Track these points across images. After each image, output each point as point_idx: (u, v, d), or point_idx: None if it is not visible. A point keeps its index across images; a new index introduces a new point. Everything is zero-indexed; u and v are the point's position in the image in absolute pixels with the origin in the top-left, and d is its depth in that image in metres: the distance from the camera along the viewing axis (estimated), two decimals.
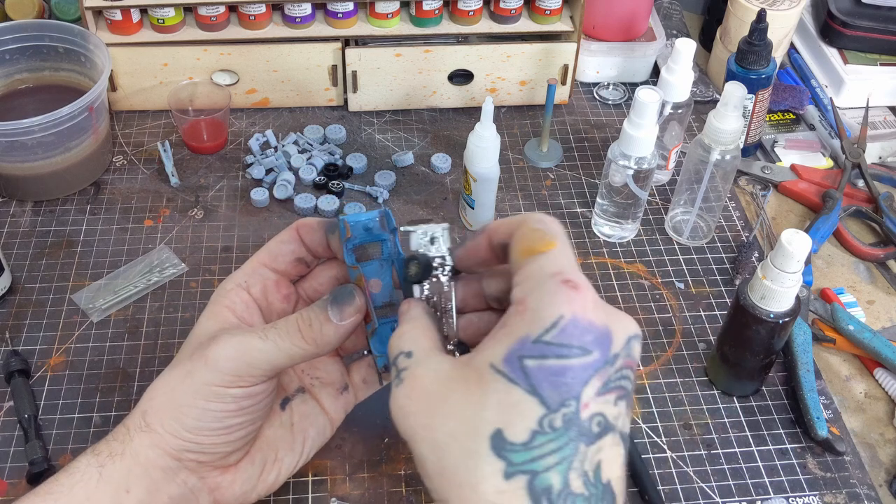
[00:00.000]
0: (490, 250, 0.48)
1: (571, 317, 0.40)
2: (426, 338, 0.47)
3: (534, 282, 0.41)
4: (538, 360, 0.39)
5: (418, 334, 0.47)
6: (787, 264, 0.63)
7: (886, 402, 0.75)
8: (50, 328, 0.77)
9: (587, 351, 0.40)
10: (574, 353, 0.39)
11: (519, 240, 0.45)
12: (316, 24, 0.95)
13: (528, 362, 0.39)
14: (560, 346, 0.39)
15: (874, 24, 1.00)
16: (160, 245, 0.84)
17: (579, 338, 0.39)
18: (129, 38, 0.93)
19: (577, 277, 0.41)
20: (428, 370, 0.43)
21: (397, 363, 0.45)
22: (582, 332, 0.40)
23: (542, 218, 0.46)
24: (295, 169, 0.91)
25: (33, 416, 0.69)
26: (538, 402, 0.39)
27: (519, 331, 0.40)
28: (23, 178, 0.86)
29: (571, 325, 0.39)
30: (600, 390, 0.40)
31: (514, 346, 0.40)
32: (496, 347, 0.41)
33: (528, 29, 0.97)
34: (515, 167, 0.94)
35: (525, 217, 0.46)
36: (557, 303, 0.40)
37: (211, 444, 0.52)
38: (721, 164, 0.80)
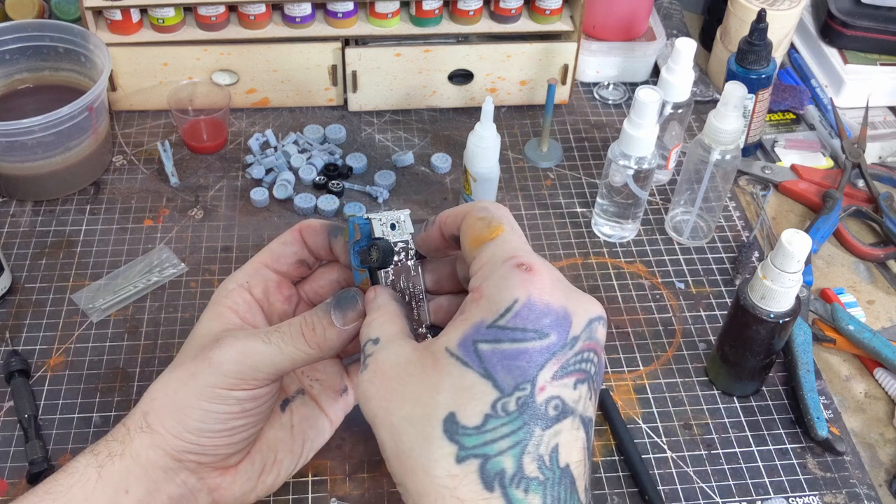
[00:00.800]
0: (443, 240, 0.49)
1: (526, 300, 0.40)
2: (393, 324, 0.47)
3: (488, 269, 0.42)
4: (492, 343, 0.39)
5: (385, 320, 0.47)
6: (788, 264, 0.63)
7: (886, 402, 0.75)
8: (50, 328, 0.77)
9: (543, 334, 0.40)
10: (529, 337, 0.39)
11: (466, 231, 0.45)
12: (316, 23, 0.95)
13: (482, 346, 0.40)
14: (514, 329, 0.39)
15: (874, 24, 1.00)
16: (160, 245, 0.84)
17: (535, 321, 0.39)
18: (129, 38, 0.93)
19: (530, 259, 0.41)
20: (389, 355, 0.44)
21: (365, 350, 0.46)
22: (538, 316, 0.40)
23: (485, 206, 0.46)
24: (295, 169, 0.91)
25: (33, 416, 0.69)
26: (491, 385, 0.39)
27: (474, 316, 0.41)
28: (23, 178, 0.86)
29: (526, 309, 0.40)
30: (557, 374, 0.40)
31: (469, 331, 0.40)
32: (452, 333, 0.41)
33: (528, 29, 0.97)
34: (515, 167, 0.94)
35: (469, 207, 0.47)
36: (511, 287, 0.40)
37: (212, 445, 0.52)
38: (721, 164, 0.80)
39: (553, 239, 0.87)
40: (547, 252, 0.85)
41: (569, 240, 0.87)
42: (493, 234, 0.43)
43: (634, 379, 0.75)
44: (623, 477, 0.68)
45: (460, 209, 0.47)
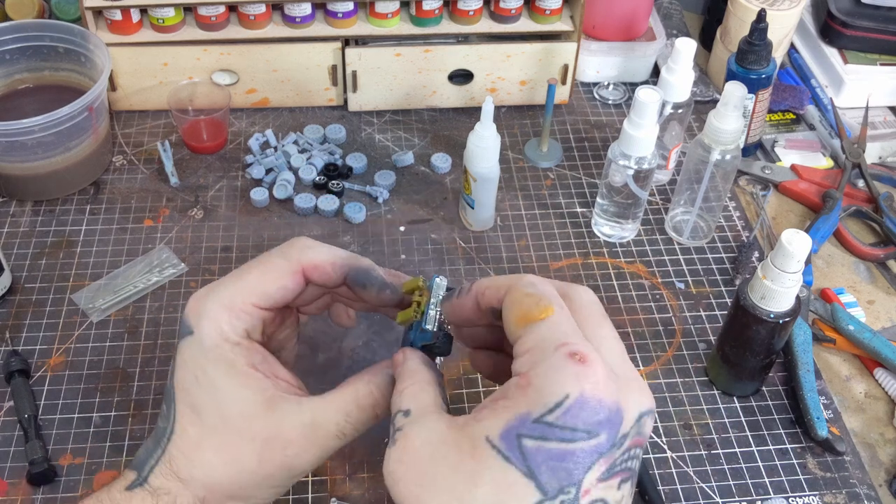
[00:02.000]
0: (478, 311, 0.46)
1: (579, 396, 0.37)
2: (426, 393, 0.44)
3: (537, 354, 0.39)
4: (538, 440, 0.37)
5: (417, 390, 0.44)
6: (788, 264, 0.63)
7: (886, 402, 0.75)
8: (50, 328, 0.77)
9: (594, 434, 0.37)
10: (578, 437, 0.37)
11: (512, 307, 0.42)
12: (316, 23, 0.95)
13: (526, 442, 0.37)
14: (563, 428, 0.37)
15: (874, 24, 1.00)
16: (160, 245, 0.84)
17: (586, 420, 0.37)
18: (129, 38, 0.93)
19: (584, 348, 0.38)
20: (422, 431, 0.41)
21: (395, 422, 0.43)
22: (589, 414, 0.37)
23: (532, 281, 0.43)
24: (295, 169, 0.91)
25: (33, 416, 0.69)
26: (535, 486, 0.36)
27: (519, 406, 0.38)
28: (23, 178, 0.86)
29: (578, 406, 0.37)
30: (604, 475, 0.37)
31: (514, 423, 0.37)
32: (494, 419, 0.38)
33: (528, 29, 0.97)
34: (515, 167, 0.94)
35: (514, 280, 0.43)
36: (563, 379, 0.37)
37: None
38: (721, 164, 0.80)
39: (553, 239, 0.87)
40: (547, 252, 0.85)
41: (569, 240, 0.87)
42: (542, 313, 0.40)
43: None
44: None
45: (503, 281, 0.44)
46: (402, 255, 0.84)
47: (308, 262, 0.50)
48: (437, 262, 0.83)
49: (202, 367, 0.47)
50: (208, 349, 0.48)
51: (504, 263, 0.84)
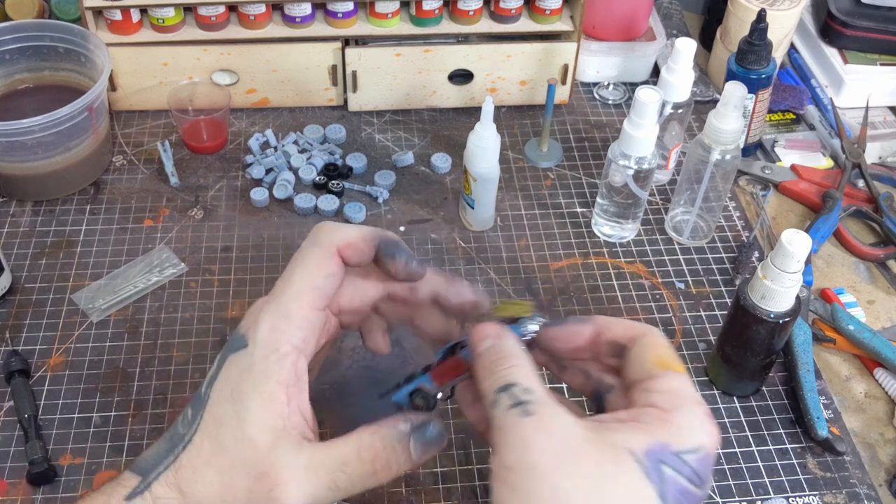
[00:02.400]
0: (594, 341, 0.48)
1: (708, 452, 0.41)
2: (538, 380, 0.43)
3: (679, 399, 0.43)
4: (675, 472, 0.40)
5: (529, 372, 0.44)
6: (788, 264, 0.63)
7: (886, 402, 0.75)
8: (50, 328, 0.77)
9: (703, 484, 0.41)
10: (696, 483, 0.41)
11: (653, 348, 0.45)
12: (316, 23, 0.95)
13: (666, 469, 0.40)
14: (693, 471, 0.41)
15: (874, 24, 1.00)
16: (160, 245, 0.84)
17: (703, 472, 0.41)
18: (129, 38, 0.93)
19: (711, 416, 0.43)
20: (560, 419, 0.41)
21: (513, 392, 0.42)
22: (707, 469, 0.41)
23: (665, 340, 0.46)
24: (295, 169, 0.91)
25: (33, 416, 0.69)
26: None
27: (660, 434, 0.41)
28: (23, 178, 0.86)
29: (706, 459, 0.41)
30: None
31: (656, 447, 0.40)
32: (634, 436, 0.41)
33: (528, 29, 0.97)
34: (515, 167, 0.94)
35: (649, 329, 0.46)
36: (704, 432, 0.42)
37: None
38: (721, 163, 0.80)
39: (553, 239, 0.87)
40: (547, 252, 0.85)
41: (569, 240, 0.87)
42: (681, 368, 0.45)
43: None
44: None
45: (634, 324, 0.47)
46: None
47: (341, 242, 0.49)
48: (437, 262, 0.83)
49: (244, 381, 0.46)
50: (257, 363, 0.46)
51: (504, 263, 0.84)
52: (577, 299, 0.81)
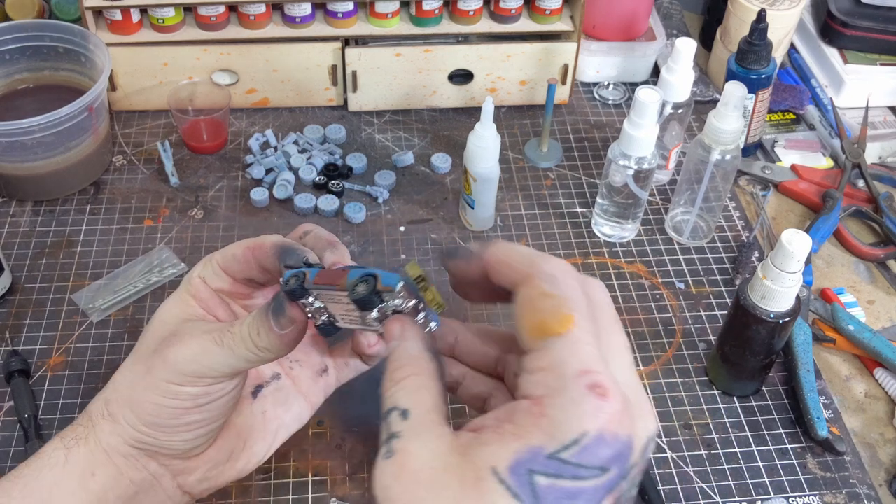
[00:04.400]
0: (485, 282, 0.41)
1: (597, 433, 0.34)
2: (428, 392, 0.39)
3: (554, 379, 0.35)
4: (551, 478, 0.34)
5: (419, 385, 0.39)
6: (788, 264, 0.63)
7: (886, 402, 0.75)
8: (50, 328, 0.77)
9: (605, 470, 0.35)
10: (591, 475, 0.34)
11: (526, 308, 0.38)
12: (316, 23, 0.95)
13: (538, 479, 0.34)
14: (578, 466, 0.34)
15: (874, 24, 1.00)
16: (160, 245, 0.84)
17: (600, 457, 0.34)
18: (129, 38, 0.93)
19: (606, 378, 0.35)
20: (423, 450, 0.37)
21: (389, 422, 0.38)
22: (604, 451, 0.34)
23: (553, 274, 0.38)
24: (295, 169, 0.91)
25: (33, 416, 0.69)
26: None
27: (531, 437, 0.34)
28: (23, 178, 0.86)
29: (595, 444, 0.34)
30: None
31: (525, 456, 0.34)
32: (501, 448, 0.35)
33: (528, 29, 0.97)
34: (515, 167, 0.94)
35: (533, 269, 0.38)
36: (583, 415, 0.34)
37: (168, 439, 0.52)
38: (721, 163, 0.80)
39: (553, 239, 0.87)
40: (547, 252, 0.85)
41: (569, 240, 0.87)
42: (563, 326, 0.36)
43: None
44: None
45: (520, 259, 0.39)
46: (403, 255, 0.84)
47: (256, 244, 0.53)
48: (437, 262, 0.83)
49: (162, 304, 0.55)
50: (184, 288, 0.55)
51: None
52: None
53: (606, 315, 0.40)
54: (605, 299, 0.41)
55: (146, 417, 0.51)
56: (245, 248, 0.53)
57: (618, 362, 0.38)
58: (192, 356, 0.50)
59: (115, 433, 0.52)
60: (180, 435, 0.53)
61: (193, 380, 0.50)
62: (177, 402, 0.51)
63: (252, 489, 0.65)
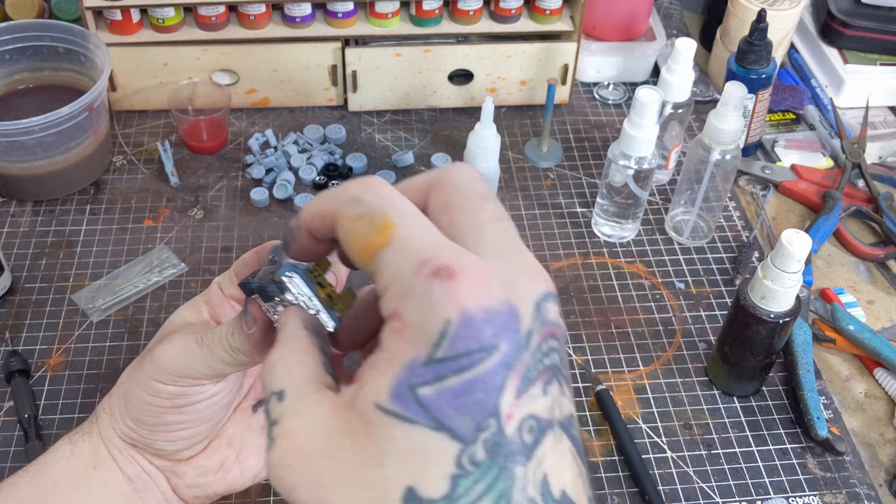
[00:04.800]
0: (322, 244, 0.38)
1: (460, 315, 0.31)
2: (303, 366, 0.37)
3: (398, 287, 0.32)
4: (434, 384, 0.31)
5: (292, 361, 0.37)
6: (788, 264, 0.63)
7: (886, 402, 0.75)
8: (50, 328, 0.77)
9: (492, 347, 0.31)
10: (476, 360, 0.31)
11: (348, 240, 0.34)
12: (316, 23, 0.95)
13: (423, 391, 0.31)
14: (457, 357, 0.31)
15: (874, 24, 1.00)
16: (160, 245, 0.84)
17: (477, 337, 0.31)
18: (129, 38, 0.93)
19: (447, 257, 0.32)
20: (304, 423, 0.34)
21: (269, 410, 0.36)
22: (479, 328, 0.31)
23: (354, 195, 0.35)
24: (295, 169, 0.91)
25: (33, 416, 0.69)
26: (449, 437, 0.31)
27: (402, 353, 0.31)
28: (23, 178, 0.86)
29: (463, 326, 0.31)
30: (521, 388, 0.32)
31: (403, 375, 0.31)
32: (379, 379, 0.32)
33: (528, 29, 0.97)
34: (515, 167, 0.94)
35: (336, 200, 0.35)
36: (437, 305, 0.31)
37: (151, 437, 0.53)
38: (721, 163, 0.80)
39: (553, 239, 0.87)
40: (547, 252, 0.85)
41: (569, 240, 0.87)
42: (383, 236, 0.33)
43: (634, 379, 0.75)
44: (623, 477, 0.68)
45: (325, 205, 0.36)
46: None
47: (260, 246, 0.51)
48: None
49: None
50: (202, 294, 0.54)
51: None
52: (577, 299, 0.81)
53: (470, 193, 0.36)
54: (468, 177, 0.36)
55: (133, 413, 0.52)
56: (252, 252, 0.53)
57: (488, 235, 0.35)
58: (174, 354, 0.50)
59: (111, 427, 0.53)
60: (161, 435, 0.53)
61: (174, 378, 0.50)
62: (157, 401, 0.51)
63: (251, 489, 0.65)
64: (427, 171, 0.37)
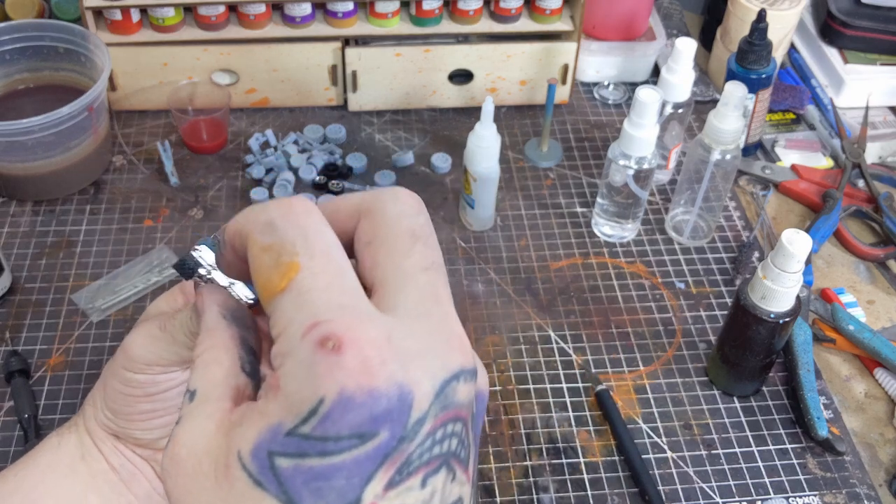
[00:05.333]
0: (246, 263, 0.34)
1: (338, 395, 0.28)
2: (219, 365, 0.34)
3: (283, 345, 0.29)
4: (293, 458, 0.28)
5: (210, 359, 0.35)
6: (788, 264, 0.63)
7: (886, 402, 0.75)
8: (50, 328, 0.77)
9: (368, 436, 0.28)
10: (345, 446, 0.28)
11: (252, 271, 0.32)
12: (316, 23, 0.95)
13: (280, 462, 0.29)
14: (324, 439, 0.28)
15: (874, 24, 1.00)
16: (160, 245, 0.84)
17: (352, 422, 0.28)
18: (129, 37, 0.93)
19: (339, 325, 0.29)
20: (191, 432, 0.32)
21: (181, 406, 0.34)
22: (357, 414, 0.28)
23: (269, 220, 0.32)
24: (295, 168, 0.91)
25: (33, 416, 0.69)
26: None
27: (270, 415, 0.29)
28: (23, 178, 0.86)
29: (339, 408, 0.28)
30: (395, 479, 0.29)
31: (265, 437, 0.29)
32: (247, 430, 0.30)
33: (529, 29, 0.97)
34: (515, 167, 0.94)
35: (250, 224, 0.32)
36: (315, 378, 0.28)
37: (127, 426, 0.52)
38: (721, 163, 0.80)
39: (553, 239, 0.87)
40: (547, 252, 0.85)
41: (569, 240, 0.87)
42: (283, 280, 0.30)
43: (634, 379, 0.75)
44: (623, 477, 0.68)
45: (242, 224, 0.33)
46: None
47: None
48: None
49: None
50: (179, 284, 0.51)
51: (504, 263, 0.84)
52: (577, 299, 0.81)
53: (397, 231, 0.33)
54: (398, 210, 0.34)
55: (108, 403, 0.52)
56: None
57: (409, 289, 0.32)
58: (141, 342, 0.49)
59: (93, 418, 0.53)
60: (137, 424, 0.52)
61: (142, 367, 0.49)
62: (129, 390, 0.51)
63: None
64: (363, 192, 0.33)
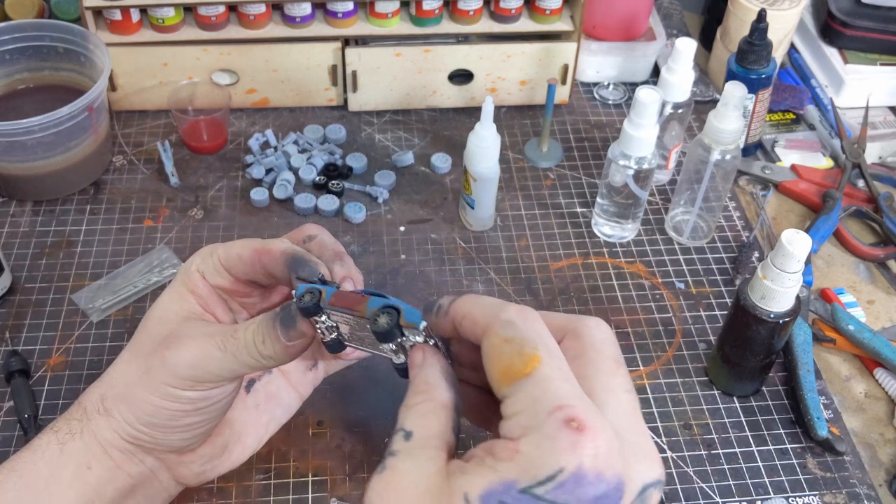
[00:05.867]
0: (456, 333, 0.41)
1: (575, 470, 0.32)
2: (436, 417, 0.39)
3: (527, 419, 0.34)
4: None
5: (429, 410, 0.39)
6: (788, 264, 0.63)
7: (886, 402, 0.75)
8: (50, 328, 0.77)
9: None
10: None
11: (492, 359, 0.37)
12: (316, 23, 0.95)
13: None
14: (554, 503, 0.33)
15: (874, 24, 1.00)
16: (160, 245, 0.84)
17: (581, 496, 0.33)
18: (129, 37, 0.93)
19: (583, 411, 0.34)
20: (411, 471, 0.37)
21: (392, 441, 0.39)
22: (586, 490, 0.33)
23: (511, 319, 0.37)
24: (295, 169, 0.91)
25: (33, 416, 0.69)
26: None
27: (507, 471, 0.34)
28: (23, 178, 0.86)
29: (573, 481, 0.32)
30: None
31: (497, 487, 0.33)
32: (476, 478, 0.34)
33: (529, 29, 0.97)
34: (515, 167, 0.94)
35: (492, 318, 0.38)
36: (558, 450, 0.33)
37: (165, 438, 0.53)
38: (721, 163, 0.80)
39: (553, 239, 0.87)
40: (547, 252, 0.85)
41: (569, 240, 0.87)
42: (527, 367, 0.35)
43: (634, 379, 0.75)
44: None
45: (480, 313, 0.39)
46: (402, 255, 0.84)
47: (263, 248, 0.52)
48: (436, 262, 0.83)
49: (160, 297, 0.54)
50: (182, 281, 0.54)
51: (504, 263, 0.84)
52: (577, 299, 0.81)
53: (606, 355, 0.39)
54: (605, 337, 0.40)
55: (144, 417, 0.51)
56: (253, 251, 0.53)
57: (615, 403, 0.37)
58: (192, 360, 0.50)
59: (111, 428, 0.52)
60: (178, 435, 0.53)
61: (193, 384, 0.50)
62: (177, 406, 0.51)
63: (252, 489, 0.65)
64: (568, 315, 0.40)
